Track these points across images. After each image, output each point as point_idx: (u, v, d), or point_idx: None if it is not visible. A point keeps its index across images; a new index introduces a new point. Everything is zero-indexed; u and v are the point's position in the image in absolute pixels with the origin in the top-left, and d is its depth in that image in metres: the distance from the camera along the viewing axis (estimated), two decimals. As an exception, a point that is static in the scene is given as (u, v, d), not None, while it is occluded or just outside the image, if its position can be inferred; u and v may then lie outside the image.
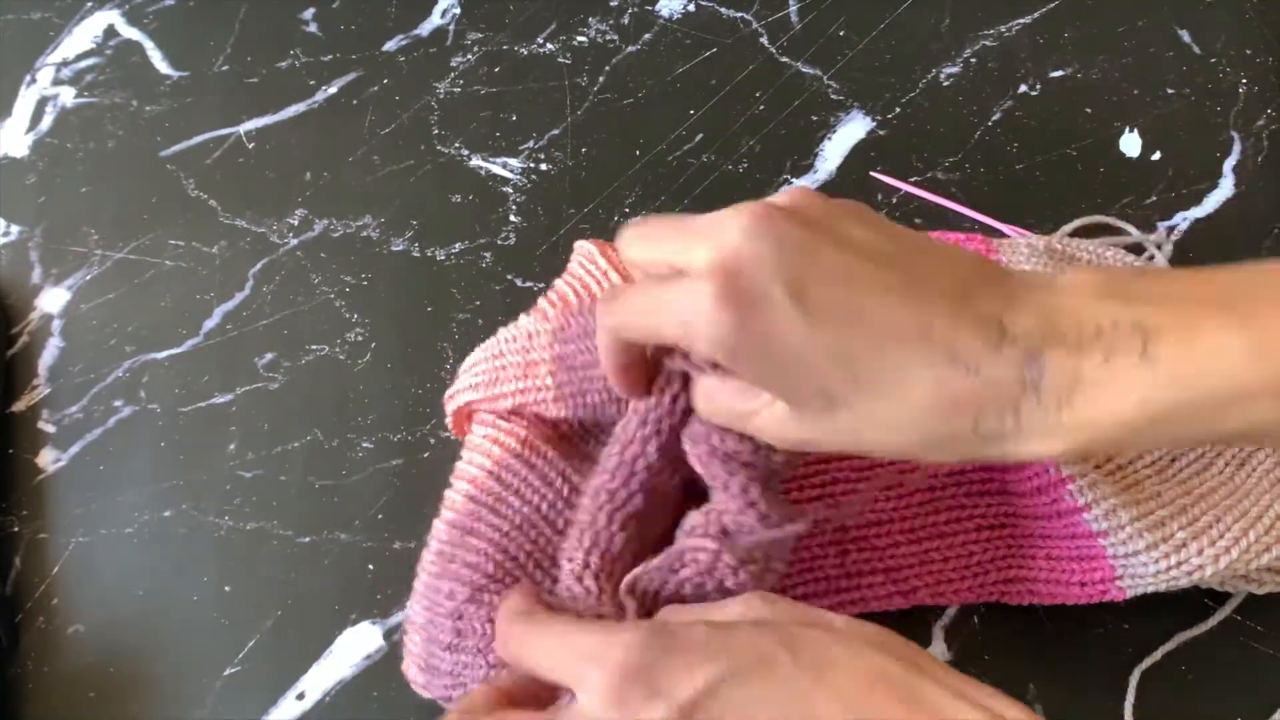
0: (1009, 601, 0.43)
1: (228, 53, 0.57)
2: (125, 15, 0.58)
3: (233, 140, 0.55)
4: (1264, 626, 0.44)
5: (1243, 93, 0.55)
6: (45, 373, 0.50)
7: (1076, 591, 0.42)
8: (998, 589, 0.43)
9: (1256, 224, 0.52)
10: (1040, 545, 0.43)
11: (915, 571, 0.43)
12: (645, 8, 0.58)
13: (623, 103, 0.55)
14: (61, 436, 0.49)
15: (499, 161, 0.54)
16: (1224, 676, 0.43)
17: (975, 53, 0.56)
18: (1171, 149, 0.53)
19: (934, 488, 0.44)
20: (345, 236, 0.52)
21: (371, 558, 0.46)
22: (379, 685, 0.44)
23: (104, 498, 0.47)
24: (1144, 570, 0.40)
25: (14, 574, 0.46)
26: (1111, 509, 0.40)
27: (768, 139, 0.54)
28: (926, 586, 0.43)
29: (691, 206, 0.53)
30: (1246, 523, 0.40)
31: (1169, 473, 0.43)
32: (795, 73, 0.56)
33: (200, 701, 0.44)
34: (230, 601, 0.45)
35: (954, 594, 0.43)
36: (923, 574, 0.43)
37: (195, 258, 0.52)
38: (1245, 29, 0.56)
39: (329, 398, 0.49)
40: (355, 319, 0.51)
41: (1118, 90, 0.55)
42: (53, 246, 0.53)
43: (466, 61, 0.57)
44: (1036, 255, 0.46)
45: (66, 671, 0.44)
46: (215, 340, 0.51)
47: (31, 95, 0.56)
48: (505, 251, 0.52)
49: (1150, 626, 0.43)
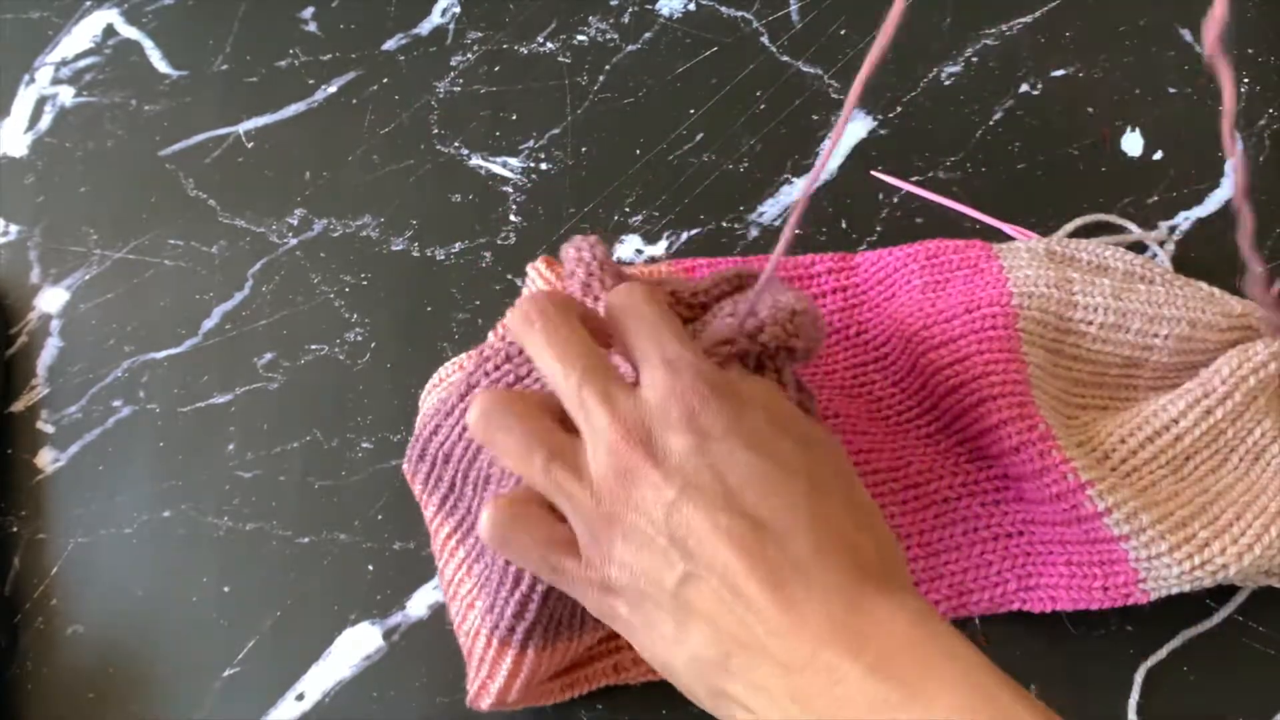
0: (1030, 609, 0.43)
1: (227, 52, 0.57)
2: (124, 14, 0.58)
3: (232, 140, 0.55)
4: (1267, 626, 0.44)
5: (1244, 92, 0.55)
6: (44, 373, 0.50)
7: (1099, 596, 0.41)
8: (1018, 597, 0.43)
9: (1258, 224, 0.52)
10: (1060, 552, 0.42)
11: (934, 585, 0.43)
12: (645, 7, 0.57)
13: (623, 102, 0.55)
14: (60, 437, 0.49)
15: (499, 161, 0.54)
16: (1227, 675, 0.43)
17: (976, 52, 0.56)
18: (1173, 148, 0.53)
19: (948, 499, 0.44)
20: (345, 236, 0.52)
21: (371, 558, 0.46)
22: (379, 685, 0.44)
23: (103, 498, 0.47)
24: (1167, 572, 0.40)
25: (13, 574, 0.46)
26: (1132, 512, 0.40)
27: (768, 138, 0.54)
28: (946, 600, 0.43)
29: (691, 206, 0.53)
30: (1267, 519, 0.40)
31: (1184, 471, 0.42)
32: (796, 72, 0.56)
33: (200, 702, 0.44)
34: (230, 602, 0.45)
35: (975, 605, 0.43)
36: (942, 587, 0.43)
37: (194, 257, 0.52)
38: (1247, 28, 0.56)
39: (328, 398, 0.49)
40: (355, 319, 0.51)
41: (1119, 89, 0.55)
42: (52, 246, 0.53)
43: (466, 61, 0.56)
44: (1036, 258, 0.46)
45: (66, 672, 0.44)
46: (214, 340, 0.50)
47: (30, 95, 0.56)
48: (505, 251, 0.52)
49: (1153, 626, 0.43)
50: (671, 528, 0.30)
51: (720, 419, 0.31)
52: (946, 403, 0.44)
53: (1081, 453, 0.42)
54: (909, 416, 0.46)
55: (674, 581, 0.30)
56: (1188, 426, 0.43)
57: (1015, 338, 0.44)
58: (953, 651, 0.28)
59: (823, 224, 0.52)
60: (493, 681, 0.38)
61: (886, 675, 0.27)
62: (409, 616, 0.45)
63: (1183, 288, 0.46)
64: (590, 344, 0.33)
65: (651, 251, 0.52)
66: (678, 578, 0.30)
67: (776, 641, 0.28)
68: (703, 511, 0.30)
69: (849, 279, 0.49)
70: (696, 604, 0.30)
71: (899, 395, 0.47)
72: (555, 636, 0.38)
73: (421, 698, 0.43)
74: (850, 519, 0.31)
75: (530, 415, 0.33)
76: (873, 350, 0.48)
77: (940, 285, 0.47)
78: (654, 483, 0.30)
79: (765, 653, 0.28)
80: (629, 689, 0.43)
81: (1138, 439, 0.43)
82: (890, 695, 0.27)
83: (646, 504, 0.30)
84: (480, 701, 0.39)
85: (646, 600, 0.31)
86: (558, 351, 0.32)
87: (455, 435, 0.40)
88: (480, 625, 0.38)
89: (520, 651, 0.37)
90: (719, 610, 0.29)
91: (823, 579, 0.29)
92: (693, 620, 0.30)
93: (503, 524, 0.33)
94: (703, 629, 0.29)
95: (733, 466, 0.30)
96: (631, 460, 0.30)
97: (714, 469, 0.30)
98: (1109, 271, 0.47)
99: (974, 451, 0.44)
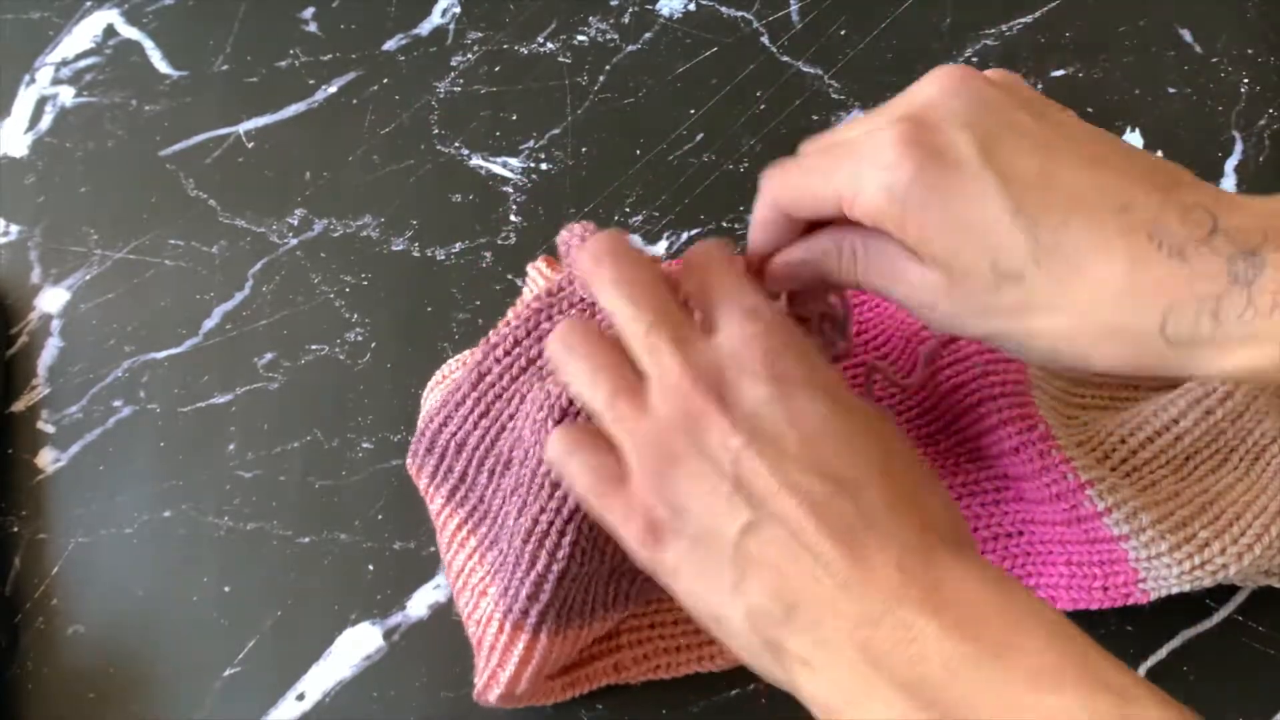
0: None
1: (227, 52, 0.57)
2: (125, 14, 0.58)
3: (232, 140, 0.55)
4: (1267, 626, 0.44)
5: (1244, 92, 0.55)
6: (45, 373, 0.50)
7: (1099, 596, 0.41)
8: None
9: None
10: (1060, 551, 0.42)
11: None
12: (646, 7, 0.57)
13: (623, 102, 0.55)
14: (61, 437, 0.49)
15: (499, 161, 0.54)
16: (1227, 675, 0.43)
17: (977, 52, 0.56)
18: (1173, 149, 0.53)
19: None
20: (345, 236, 0.52)
21: (371, 558, 0.46)
22: (379, 685, 0.44)
23: (104, 498, 0.47)
24: (1167, 572, 0.40)
25: (14, 574, 0.46)
26: (1132, 512, 0.40)
27: (769, 138, 0.54)
28: None
29: (692, 206, 0.53)
30: (1267, 518, 0.40)
31: (1184, 470, 0.42)
32: (796, 72, 0.56)
33: (200, 702, 0.44)
34: (230, 601, 0.45)
35: None
36: None
37: (195, 257, 0.52)
38: (1247, 28, 0.56)
39: (329, 398, 0.49)
40: (355, 319, 0.51)
41: (1119, 89, 0.55)
42: (52, 246, 0.53)
43: (466, 61, 0.56)
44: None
45: (66, 672, 0.44)
46: (215, 340, 0.50)
47: (31, 95, 0.56)
48: (505, 251, 0.52)
49: (1153, 626, 0.43)
50: (739, 474, 0.29)
51: (799, 368, 0.30)
52: (946, 403, 0.44)
53: (1081, 453, 0.42)
54: (909, 417, 0.46)
55: (736, 530, 0.28)
56: (1188, 426, 0.43)
57: (1015, 338, 0.44)
58: (1036, 611, 0.27)
59: (823, 224, 0.52)
60: (503, 670, 0.38)
61: (966, 634, 0.26)
62: (409, 616, 0.45)
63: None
64: (663, 287, 0.32)
65: (652, 251, 0.52)
66: (741, 526, 0.28)
67: (846, 595, 0.27)
68: (772, 461, 0.28)
69: (849, 279, 0.49)
70: (760, 554, 0.28)
71: (899, 396, 0.47)
72: (567, 622, 0.38)
73: (422, 697, 0.43)
74: (919, 480, 0.30)
75: (606, 350, 0.32)
76: (872, 350, 0.48)
77: (940, 285, 0.47)
78: (723, 428, 0.29)
79: (833, 607, 0.27)
80: (629, 689, 0.43)
81: (1138, 439, 0.43)
82: (970, 652, 0.25)
83: (712, 448, 0.29)
84: (489, 693, 0.39)
85: (700, 546, 0.29)
86: (629, 291, 0.31)
87: (470, 424, 0.40)
88: (493, 611, 0.38)
89: (533, 635, 0.37)
90: (785, 561, 0.28)
91: (897, 535, 0.28)
92: (755, 570, 0.28)
93: (563, 446, 0.32)
94: (766, 580, 0.28)
95: (808, 417, 0.29)
96: (700, 404, 0.29)
97: (789, 418, 0.29)
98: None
99: (974, 451, 0.44)
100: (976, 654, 0.25)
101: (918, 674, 0.26)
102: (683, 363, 0.30)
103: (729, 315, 0.31)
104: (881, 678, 0.26)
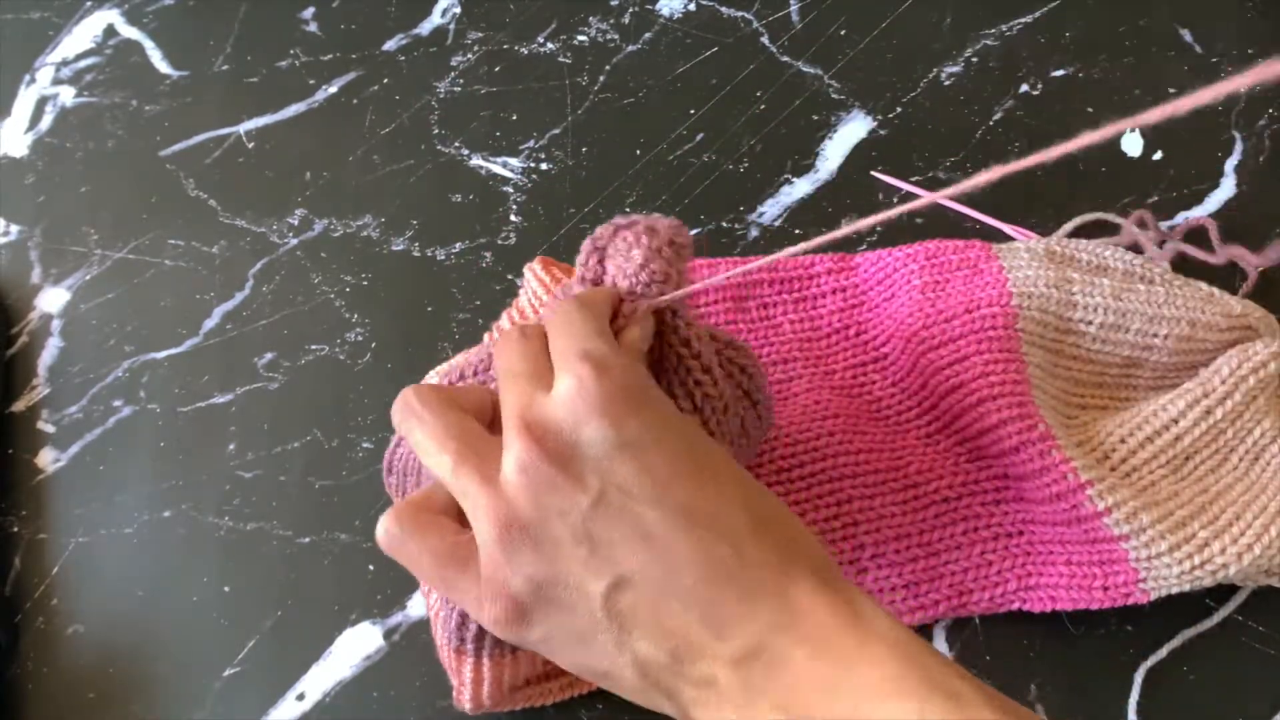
0: (1030, 609, 0.43)
1: (227, 52, 0.57)
2: (125, 15, 0.58)
3: (232, 140, 0.55)
4: (1267, 626, 0.44)
5: (1244, 92, 0.55)
6: (45, 373, 0.50)
7: (1100, 596, 0.41)
8: (1018, 597, 0.43)
9: (1258, 224, 0.52)
10: (1060, 551, 0.42)
11: (934, 585, 0.43)
12: (646, 7, 0.58)
13: (623, 102, 0.55)
14: (61, 437, 0.49)
15: (499, 161, 0.54)
16: (1227, 675, 0.43)
17: (977, 52, 0.56)
18: (1173, 149, 0.53)
19: (948, 499, 0.44)
20: (345, 236, 0.52)
21: (371, 558, 0.46)
22: (379, 685, 0.44)
23: (104, 498, 0.47)
24: (1168, 572, 0.40)
25: (14, 574, 0.46)
26: (1132, 512, 0.40)
27: (769, 138, 0.54)
28: (947, 600, 0.43)
29: (692, 206, 0.53)
30: (1266, 518, 0.41)
31: (1184, 471, 0.43)
32: (796, 72, 0.56)
33: (200, 702, 0.44)
34: (230, 601, 0.45)
35: (974, 605, 0.43)
36: (942, 587, 0.43)
37: (195, 258, 0.52)
38: (1247, 28, 0.56)
39: (329, 398, 0.49)
40: (355, 319, 0.51)
41: (1119, 89, 0.55)
42: (52, 246, 0.53)
43: (466, 61, 0.56)
44: (1036, 259, 0.46)
45: (66, 671, 0.44)
46: (215, 340, 0.50)
47: (31, 95, 0.56)
48: (505, 251, 0.52)
49: (1153, 626, 0.43)
50: (592, 533, 0.28)
51: (641, 408, 0.30)
52: (946, 403, 0.44)
53: (1081, 453, 0.42)
54: (909, 417, 0.46)
55: (602, 591, 0.28)
56: (1187, 426, 0.43)
57: (1015, 338, 0.44)
58: (885, 628, 0.28)
59: (822, 224, 0.52)
60: (464, 689, 0.38)
61: (825, 655, 0.27)
62: (409, 616, 0.45)
63: (1182, 288, 0.46)
64: (468, 428, 0.31)
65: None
66: (605, 587, 0.28)
67: (723, 635, 0.28)
68: (624, 513, 0.28)
69: (849, 279, 0.49)
70: (633, 608, 0.28)
71: (899, 395, 0.47)
72: (508, 646, 0.37)
73: (421, 698, 0.43)
74: (776, 511, 0.31)
75: (449, 410, 0.31)
76: (872, 350, 0.48)
77: (940, 285, 0.47)
78: (567, 489, 0.29)
79: (712, 648, 0.28)
80: (629, 689, 0.43)
81: (1138, 439, 0.43)
82: (829, 671, 0.27)
83: (563, 511, 0.29)
84: (462, 706, 0.39)
85: (568, 613, 0.29)
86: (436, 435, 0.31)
87: None
88: (440, 636, 0.38)
89: (476, 660, 0.37)
90: (659, 611, 0.28)
91: (764, 568, 0.29)
92: (632, 624, 0.28)
93: (396, 532, 0.31)
94: (645, 631, 0.28)
95: (656, 459, 0.29)
96: (544, 465, 0.29)
97: (638, 464, 0.29)
98: (1109, 271, 0.47)
99: (974, 451, 0.44)
100: (833, 672, 0.27)
101: (793, 697, 0.27)
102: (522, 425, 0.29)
103: (563, 367, 0.30)
104: (766, 703, 0.27)
